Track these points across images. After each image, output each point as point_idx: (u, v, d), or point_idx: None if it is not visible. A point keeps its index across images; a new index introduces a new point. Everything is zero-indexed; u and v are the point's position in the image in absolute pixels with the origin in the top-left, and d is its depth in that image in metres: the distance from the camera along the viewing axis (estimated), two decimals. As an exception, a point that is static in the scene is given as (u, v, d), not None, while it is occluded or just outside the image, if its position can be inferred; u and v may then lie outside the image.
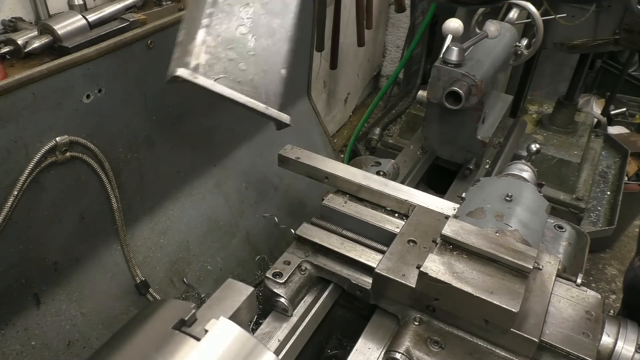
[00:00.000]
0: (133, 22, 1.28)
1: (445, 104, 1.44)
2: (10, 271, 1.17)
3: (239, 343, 0.66)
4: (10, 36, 1.12)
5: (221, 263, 1.74)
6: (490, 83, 1.51)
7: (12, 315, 1.21)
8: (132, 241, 1.48)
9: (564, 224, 1.35)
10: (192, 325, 0.69)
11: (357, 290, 1.19)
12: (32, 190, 1.15)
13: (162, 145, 1.51)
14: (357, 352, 1.09)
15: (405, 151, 1.79)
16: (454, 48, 1.41)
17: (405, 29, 3.41)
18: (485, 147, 1.65)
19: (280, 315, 1.16)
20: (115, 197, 1.35)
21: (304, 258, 1.23)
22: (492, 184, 1.32)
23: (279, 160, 1.49)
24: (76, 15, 1.20)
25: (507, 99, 1.94)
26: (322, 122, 2.38)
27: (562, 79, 3.31)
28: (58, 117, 1.15)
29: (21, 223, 1.16)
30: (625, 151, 2.65)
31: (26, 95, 1.07)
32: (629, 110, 3.70)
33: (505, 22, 1.74)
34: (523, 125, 2.08)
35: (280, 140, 1.86)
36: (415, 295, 1.07)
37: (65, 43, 1.15)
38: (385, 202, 1.33)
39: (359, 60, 3.38)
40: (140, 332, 0.71)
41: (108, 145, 1.32)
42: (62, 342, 1.29)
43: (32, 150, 1.12)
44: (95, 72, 1.21)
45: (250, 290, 0.77)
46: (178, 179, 1.63)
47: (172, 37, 1.39)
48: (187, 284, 1.61)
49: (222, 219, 1.79)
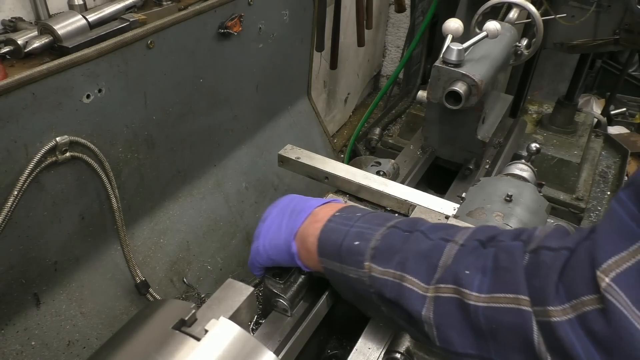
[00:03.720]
0: (133, 22, 1.28)
1: (445, 104, 1.43)
2: (10, 271, 1.17)
3: (239, 343, 0.66)
4: (10, 36, 1.12)
5: (221, 263, 1.74)
6: (490, 83, 1.51)
7: (12, 315, 1.21)
8: (132, 241, 1.48)
9: (564, 224, 1.35)
10: (192, 325, 0.69)
11: (357, 290, 1.19)
12: (32, 190, 1.15)
13: (162, 145, 1.51)
14: (357, 352, 1.09)
15: (405, 151, 1.79)
16: (454, 48, 1.40)
17: (405, 29, 3.41)
18: (485, 147, 1.65)
19: (280, 315, 1.16)
20: (115, 197, 1.35)
21: (304, 258, 1.23)
22: (492, 184, 1.32)
23: (279, 160, 1.49)
24: (76, 15, 1.20)
25: (507, 99, 1.94)
26: (322, 122, 2.38)
27: (562, 79, 3.31)
28: (58, 117, 1.16)
29: (21, 223, 1.16)
30: (625, 151, 2.65)
31: (26, 95, 1.07)
32: (629, 110, 3.70)
33: (505, 22, 1.74)
34: (523, 125, 2.08)
35: (280, 140, 1.87)
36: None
37: (65, 43, 1.15)
38: (385, 202, 1.33)
39: (359, 60, 3.38)
40: (140, 332, 0.71)
41: (108, 145, 1.32)
42: (62, 342, 1.29)
43: (32, 150, 1.12)
44: (95, 72, 1.21)
45: (250, 290, 0.77)
46: (178, 179, 1.63)
47: (172, 37, 1.40)
48: (187, 284, 1.61)
49: (222, 219, 1.79)
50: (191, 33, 1.46)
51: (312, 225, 0.95)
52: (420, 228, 0.84)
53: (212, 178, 1.78)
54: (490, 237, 0.77)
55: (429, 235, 0.82)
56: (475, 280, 0.71)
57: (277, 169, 1.51)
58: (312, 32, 2.13)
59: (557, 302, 0.62)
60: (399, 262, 0.80)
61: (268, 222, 1.04)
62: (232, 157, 1.86)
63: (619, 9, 2.12)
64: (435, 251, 0.78)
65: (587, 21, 2.13)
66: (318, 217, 0.96)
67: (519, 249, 0.71)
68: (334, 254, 0.89)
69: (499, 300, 0.68)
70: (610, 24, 2.17)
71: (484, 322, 0.69)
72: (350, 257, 0.86)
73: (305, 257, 0.97)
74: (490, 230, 0.80)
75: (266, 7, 1.76)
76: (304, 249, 0.96)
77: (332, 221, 0.92)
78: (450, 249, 0.77)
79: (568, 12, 2.13)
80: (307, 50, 2.16)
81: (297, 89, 2.20)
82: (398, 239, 0.83)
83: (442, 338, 0.75)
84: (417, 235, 0.83)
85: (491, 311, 0.68)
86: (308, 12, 2.06)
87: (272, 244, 1.01)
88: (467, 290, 0.71)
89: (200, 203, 1.72)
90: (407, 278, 0.78)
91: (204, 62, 1.55)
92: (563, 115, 2.53)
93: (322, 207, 0.99)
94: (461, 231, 0.81)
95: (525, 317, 0.65)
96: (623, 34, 2.16)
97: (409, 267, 0.79)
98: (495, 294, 0.69)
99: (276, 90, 2.00)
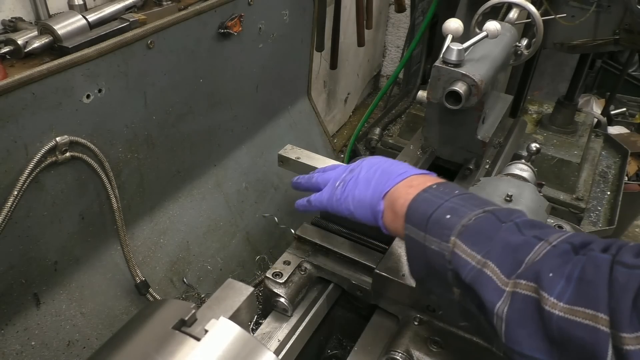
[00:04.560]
0: (133, 22, 1.28)
1: (445, 104, 1.43)
2: (10, 271, 1.17)
3: (239, 343, 0.66)
4: (10, 36, 1.12)
5: (221, 263, 1.74)
6: (491, 83, 1.51)
7: (12, 315, 1.21)
8: (132, 241, 1.48)
9: (564, 224, 1.35)
10: (192, 325, 0.69)
11: (357, 290, 1.19)
12: (32, 190, 1.15)
13: (162, 145, 1.51)
14: (357, 352, 1.09)
15: (405, 151, 1.78)
16: (454, 48, 1.40)
17: (405, 29, 3.41)
18: (485, 147, 1.65)
19: (280, 315, 1.16)
20: (115, 197, 1.35)
21: (304, 258, 1.23)
22: (492, 184, 1.32)
23: (279, 160, 1.49)
24: (76, 15, 1.20)
25: (507, 99, 1.94)
26: (322, 122, 2.38)
27: (562, 79, 3.31)
28: (58, 117, 1.16)
29: (21, 223, 1.16)
30: (625, 151, 2.65)
31: (26, 95, 1.07)
32: (629, 110, 3.71)
33: (505, 22, 1.74)
34: (523, 125, 2.08)
35: (280, 140, 1.87)
36: (416, 295, 1.07)
37: (65, 43, 1.15)
38: (385, 202, 1.33)
39: (359, 60, 3.38)
40: (140, 332, 0.71)
41: (108, 145, 1.32)
42: (62, 342, 1.29)
43: (32, 150, 1.12)
44: (95, 72, 1.21)
45: (250, 290, 0.77)
46: (178, 179, 1.63)
47: (172, 37, 1.40)
48: (187, 284, 1.61)
49: (222, 219, 1.79)
50: (191, 33, 1.46)
51: (405, 190, 0.92)
52: (516, 220, 0.80)
53: (212, 178, 1.78)
54: (584, 244, 0.73)
55: (522, 229, 0.78)
56: (558, 286, 0.68)
57: (277, 169, 1.51)
58: (312, 32, 2.13)
59: (631, 329, 0.59)
60: (486, 249, 0.77)
61: (356, 174, 1.01)
62: (232, 157, 1.86)
63: (619, 9, 2.12)
64: (525, 247, 0.75)
65: (587, 21, 2.13)
66: (414, 183, 0.93)
67: (606, 262, 0.67)
68: (421, 222, 0.85)
69: (577, 314, 0.65)
70: (610, 24, 2.17)
71: (557, 331, 0.66)
72: (437, 228, 0.82)
73: (390, 219, 0.94)
74: (586, 237, 0.76)
75: (266, 7, 1.76)
76: (391, 211, 0.94)
77: (427, 192, 0.88)
78: (540, 248, 0.74)
79: (568, 12, 2.13)
80: (307, 50, 2.15)
81: (297, 89, 2.20)
82: (491, 226, 0.79)
83: (510, 336, 0.71)
84: (511, 226, 0.79)
85: (566, 323, 0.65)
86: (308, 12, 2.06)
87: (356, 198, 0.99)
88: (546, 294, 0.67)
89: (200, 203, 1.72)
90: (490, 266, 0.75)
91: (204, 62, 1.55)
92: (563, 115, 2.52)
93: (419, 176, 0.96)
94: (557, 233, 0.77)
95: (601, 337, 0.62)
96: (623, 34, 2.16)
97: (494, 256, 0.76)
98: (575, 306, 0.65)
99: (276, 90, 2.00)
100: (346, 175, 1.05)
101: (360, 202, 0.99)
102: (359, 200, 1.00)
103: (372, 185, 0.98)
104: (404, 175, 0.96)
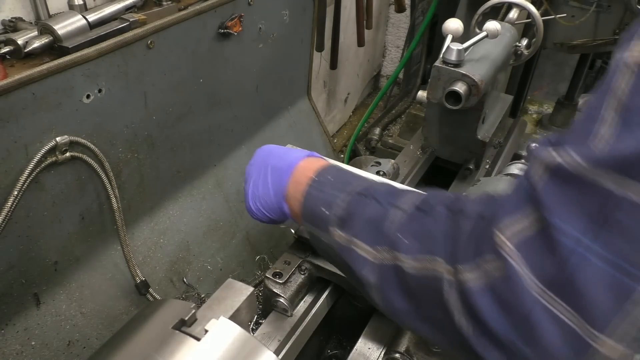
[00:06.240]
0: (133, 22, 1.28)
1: (445, 104, 1.43)
2: (10, 271, 1.17)
3: (239, 343, 0.66)
4: (10, 36, 1.12)
5: (221, 263, 1.74)
6: (490, 83, 1.51)
7: (12, 315, 1.21)
8: (132, 241, 1.48)
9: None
10: (192, 325, 0.69)
11: (357, 291, 1.19)
12: (32, 190, 1.15)
13: (162, 145, 1.51)
14: (357, 352, 1.09)
15: (405, 151, 1.79)
16: (454, 48, 1.40)
17: (405, 29, 3.41)
18: (485, 147, 1.65)
19: (280, 315, 1.16)
20: (115, 197, 1.35)
21: (304, 258, 1.23)
22: (492, 184, 1.32)
23: (279, 160, 1.49)
24: (76, 15, 1.20)
25: (507, 99, 1.94)
26: (322, 122, 2.38)
27: (562, 79, 3.31)
28: (58, 117, 1.16)
29: (21, 223, 1.16)
30: (625, 151, 2.65)
31: (26, 95, 1.07)
32: (629, 110, 3.70)
33: (505, 22, 1.74)
34: (523, 125, 2.08)
35: (280, 140, 1.87)
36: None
37: (65, 43, 1.15)
38: (385, 202, 1.33)
39: (359, 60, 3.38)
40: (140, 332, 0.71)
41: (108, 145, 1.32)
42: (62, 342, 1.29)
43: (32, 150, 1.12)
44: (95, 72, 1.21)
45: (250, 290, 0.77)
46: (178, 179, 1.63)
47: (172, 37, 1.40)
48: (187, 284, 1.61)
49: (222, 219, 1.79)
50: (191, 33, 1.46)
51: (295, 188, 0.97)
52: (374, 194, 0.87)
53: (212, 178, 1.78)
54: (425, 202, 0.80)
55: (380, 200, 0.85)
56: (405, 244, 0.75)
57: (277, 169, 1.51)
58: (312, 32, 2.13)
59: (466, 263, 0.65)
60: (353, 228, 0.84)
61: (254, 183, 1.05)
62: (232, 157, 1.86)
63: (619, 9, 2.12)
64: (382, 217, 0.81)
65: (587, 21, 2.13)
66: (300, 179, 0.98)
67: (444, 214, 0.75)
68: (311, 220, 0.92)
69: (422, 262, 0.72)
70: (610, 24, 2.17)
71: (412, 283, 0.73)
72: (320, 223, 0.90)
73: (297, 218, 1.00)
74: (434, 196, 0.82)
75: (266, 7, 1.76)
76: (293, 212, 1.00)
77: (311, 186, 0.95)
78: (394, 215, 0.80)
79: (568, 12, 2.13)
80: (307, 50, 2.15)
81: (297, 89, 2.20)
82: (357, 205, 0.86)
83: (384, 302, 0.79)
84: (371, 200, 0.86)
85: (416, 272, 0.72)
86: (308, 12, 2.06)
87: (266, 205, 1.03)
88: (399, 253, 0.75)
89: (200, 203, 1.72)
90: (357, 242, 0.82)
91: (204, 62, 1.55)
92: (563, 115, 2.53)
93: (301, 166, 1.00)
94: (408, 196, 0.83)
95: (440, 278, 0.68)
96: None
97: (359, 232, 0.83)
98: (418, 256, 0.72)
99: (276, 90, 2.00)
100: (246, 188, 1.07)
101: (272, 209, 1.03)
102: (269, 207, 1.03)
103: (271, 190, 1.02)
104: (289, 171, 1.00)
